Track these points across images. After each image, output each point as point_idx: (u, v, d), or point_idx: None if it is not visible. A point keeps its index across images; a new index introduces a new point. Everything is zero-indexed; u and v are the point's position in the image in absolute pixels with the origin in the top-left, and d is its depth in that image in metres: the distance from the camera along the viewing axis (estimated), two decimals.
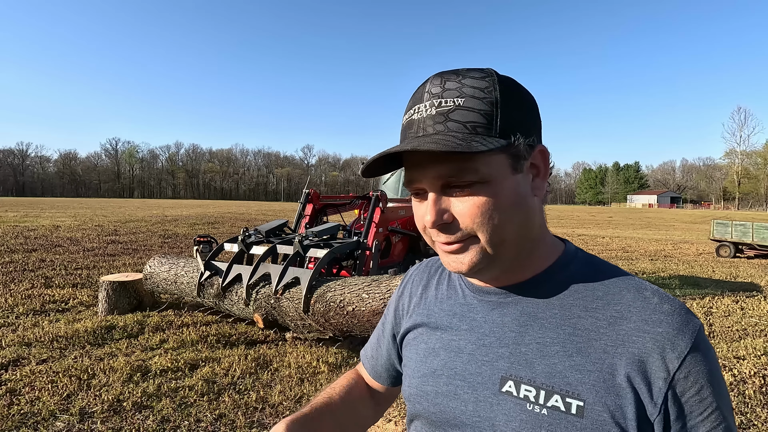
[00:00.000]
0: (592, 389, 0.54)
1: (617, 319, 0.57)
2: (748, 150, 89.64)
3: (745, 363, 4.23)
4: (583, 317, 0.58)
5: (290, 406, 3.20)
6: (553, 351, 0.58)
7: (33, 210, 25.50)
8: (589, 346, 0.56)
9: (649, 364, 0.53)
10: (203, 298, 4.60)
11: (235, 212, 29.71)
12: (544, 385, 0.57)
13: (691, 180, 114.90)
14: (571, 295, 0.60)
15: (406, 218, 5.97)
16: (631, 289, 0.59)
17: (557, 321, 0.59)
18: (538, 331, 0.60)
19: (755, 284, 8.34)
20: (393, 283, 3.53)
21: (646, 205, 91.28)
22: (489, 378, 0.61)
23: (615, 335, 0.56)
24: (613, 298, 0.58)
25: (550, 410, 0.56)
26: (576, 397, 0.55)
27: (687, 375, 0.52)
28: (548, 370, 0.57)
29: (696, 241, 16.86)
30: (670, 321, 0.55)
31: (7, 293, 5.90)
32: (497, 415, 0.59)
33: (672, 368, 0.53)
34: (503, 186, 0.56)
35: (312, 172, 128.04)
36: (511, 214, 0.56)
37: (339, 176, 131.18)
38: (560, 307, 0.60)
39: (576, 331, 0.58)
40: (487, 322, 0.64)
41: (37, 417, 2.91)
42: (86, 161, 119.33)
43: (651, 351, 0.53)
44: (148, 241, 12.37)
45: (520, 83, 0.59)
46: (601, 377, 0.54)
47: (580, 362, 0.56)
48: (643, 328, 0.55)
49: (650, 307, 0.56)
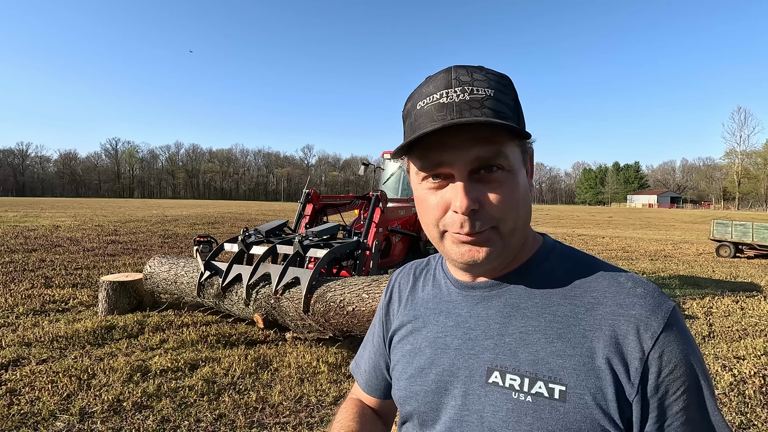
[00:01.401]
0: (573, 373, 0.56)
1: (594, 305, 0.59)
2: (748, 150, 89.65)
3: (745, 363, 4.23)
4: (562, 305, 0.60)
5: (290, 406, 3.19)
6: (535, 339, 0.59)
7: (33, 210, 25.50)
8: (569, 331, 0.58)
9: (625, 345, 0.55)
10: (203, 298, 4.60)
11: (235, 212, 29.71)
12: (528, 372, 0.58)
13: (691, 180, 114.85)
14: (550, 284, 0.62)
15: (406, 218, 5.97)
16: (606, 276, 0.61)
17: (538, 310, 0.61)
18: (521, 320, 0.61)
19: (755, 284, 8.34)
20: None
21: (646, 205, 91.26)
22: (476, 370, 0.62)
23: (592, 319, 0.58)
24: (589, 285, 0.61)
25: (534, 397, 0.56)
26: (558, 382, 0.56)
27: (661, 354, 0.54)
28: (531, 358, 0.58)
29: (696, 241, 16.86)
30: (643, 303, 0.57)
31: (7, 293, 5.90)
32: (485, 407, 0.60)
33: (646, 348, 0.54)
34: (520, 177, 0.59)
35: (312, 172, 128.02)
36: (524, 205, 0.60)
37: (339, 176, 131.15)
38: (541, 296, 0.62)
39: (556, 318, 0.59)
40: (472, 316, 0.65)
41: (37, 417, 2.91)
42: (86, 161, 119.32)
43: (626, 332, 0.55)
44: (148, 241, 12.37)
45: (509, 83, 0.61)
46: (581, 361, 0.56)
47: (560, 347, 0.57)
48: (617, 312, 0.57)
49: (624, 291, 0.59)
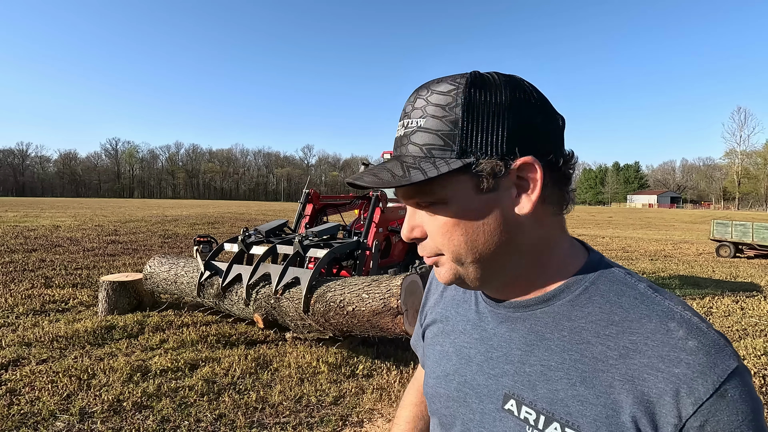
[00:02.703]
0: (593, 424, 0.50)
1: (630, 351, 0.50)
2: (748, 150, 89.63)
3: (745, 363, 4.23)
4: (592, 344, 0.53)
5: (290, 406, 3.20)
6: (557, 376, 0.54)
7: (33, 210, 25.50)
8: (595, 377, 0.51)
9: (659, 407, 0.47)
10: (203, 298, 4.60)
11: (235, 212, 29.71)
12: (545, 410, 0.54)
13: (691, 180, 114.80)
14: (583, 317, 0.55)
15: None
16: (654, 316, 0.51)
17: (564, 344, 0.55)
18: (544, 352, 0.56)
19: (755, 284, 8.34)
20: (393, 283, 3.53)
21: (646, 205, 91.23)
22: (494, 392, 0.59)
23: (625, 369, 0.50)
24: (630, 325, 0.52)
25: None
26: (575, 429, 0.51)
27: (703, 424, 0.46)
28: (550, 396, 0.54)
29: (696, 241, 16.86)
30: (692, 360, 0.48)
31: (7, 293, 5.90)
32: (498, 430, 0.58)
33: (685, 415, 0.46)
34: (464, 206, 0.53)
35: (312, 172, 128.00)
36: (477, 234, 0.54)
37: (339, 176, 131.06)
38: (570, 330, 0.55)
39: (583, 358, 0.53)
40: (496, 335, 0.61)
41: (37, 417, 2.91)
42: (86, 161, 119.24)
43: (663, 393, 0.47)
44: (148, 241, 12.37)
45: (507, 83, 0.53)
46: (603, 413, 0.50)
47: (583, 393, 0.52)
48: (657, 366, 0.48)
49: (671, 342, 0.49)
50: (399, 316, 3.40)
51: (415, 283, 3.68)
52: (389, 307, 3.42)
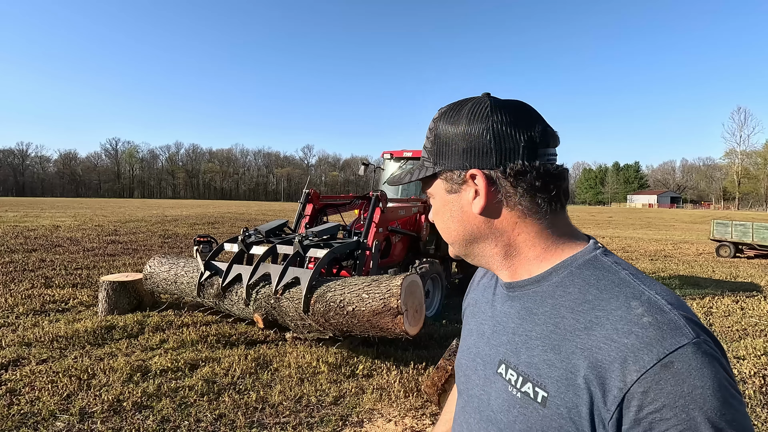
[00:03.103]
0: (555, 384, 0.59)
1: (594, 325, 0.58)
2: (748, 150, 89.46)
3: (745, 363, 4.23)
4: (566, 317, 0.62)
5: (290, 406, 3.20)
6: (535, 344, 0.64)
7: (33, 210, 25.50)
8: (563, 345, 0.60)
9: (608, 373, 0.54)
10: (203, 298, 4.60)
11: (235, 212, 29.71)
12: (523, 372, 0.64)
13: (691, 180, 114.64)
14: (564, 295, 0.64)
15: (406, 218, 5.96)
16: (621, 296, 0.59)
17: (545, 318, 0.64)
18: (530, 324, 0.66)
19: (755, 284, 8.34)
20: (393, 283, 3.53)
21: (646, 205, 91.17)
22: (493, 359, 0.71)
23: (587, 339, 0.58)
24: (600, 303, 0.59)
25: (522, 395, 0.63)
26: (543, 389, 0.61)
27: (646, 390, 0.51)
28: (528, 360, 0.64)
29: (696, 241, 16.86)
30: (642, 333, 0.54)
31: (7, 293, 5.90)
32: (491, 392, 0.69)
33: (629, 380, 0.52)
34: (440, 200, 0.73)
35: (312, 172, 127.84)
36: (448, 226, 0.73)
37: (339, 176, 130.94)
38: (551, 306, 0.64)
39: (556, 329, 0.62)
40: (501, 312, 0.73)
41: (37, 417, 2.91)
42: (86, 161, 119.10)
43: (613, 360, 0.54)
44: (148, 241, 12.37)
45: (471, 115, 0.67)
46: (564, 375, 0.59)
47: (551, 358, 0.61)
48: (612, 337, 0.56)
49: (628, 318, 0.56)
50: (399, 316, 3.40)
51: (415, 283, 3.68)
52: (389, 307, 3.42)
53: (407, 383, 3.56)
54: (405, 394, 3.40)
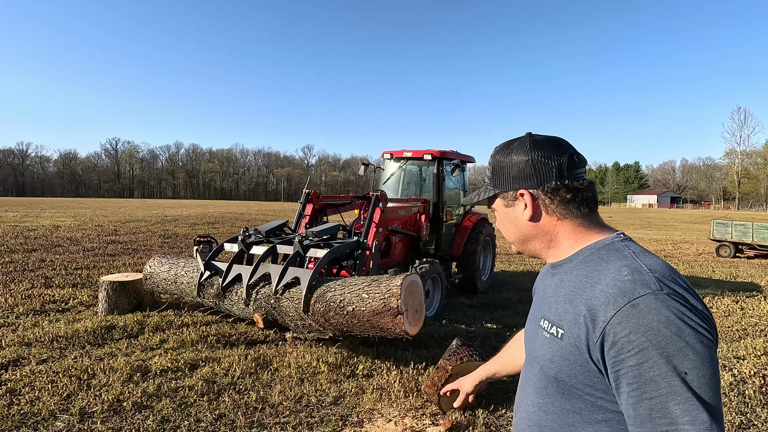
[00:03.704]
0: (568, 324, 0.85)
1: (595, 283, 0.84)
2: (748, 150, 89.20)
3: (745, 363, 4.23)
4: (581, 281, 0.88)
5: (290, 406, 3.20)
6: (562, 300, 0.90)
7: (33, 210, 25.50)
8: (576, 297, 0.86)
9: (597, 313, 0.80)
10: (203, 298, 4.60)
11: (235, 212, 29.71)
12: (552, 320, 0.91)
13: (691, 180, 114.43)
14: (582, 269, 0.90)
15: (406, 218, 5.96)
16: (617, 264, 0.84)
17: (570, 283, 0.91)
18: (560, 289, 0.93)
19: (755, 284, 8.34)
20: (393, 283, 3.53)
21: (646, 205, 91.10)
22: (538, 317, 0.98)
23: (590, 292, 0.84)
24: (603, 268, 0.86)
25: (551, 335, 0.90)
26: (561, 328, 0.87)
27: (619, 321, 0.76)
28: (555, 312, 0.91)
29: (696, 241, 16.86)
30: (621, 286, 0.79)
31: (7, 293, 5.90)
32: (537, 339, 0.96)
33: (609, 316, 0.77)
34: (501, 213, 1.03)
35: (312, 172, 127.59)
36: (508, 231, 1.03)
37: (339, 176, 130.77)
38: (575, 275, 0.90)
39: (574, 289, 0.88)
40: (548, 285, 1.01)
41: (37, 417, 2.91)
42: (86, 161, 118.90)
43: (600, 304, 0.80)
44: (148, 241, 12.37)
45: (518, 150, 0.97)
46: (573, 317, 0.85)
47: (567, 308, 0.87)
48: (603, 290, 0.81)
49: (617, 277, 0.81)
50: (399, 316, 3.40)
51: (415, 283, 3.68)
52: (389, 307, 3.42)
53: (407, 383, 3.56)
54: (405, 394, 3.40)
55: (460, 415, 3.11)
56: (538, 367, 0.95)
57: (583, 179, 0.95)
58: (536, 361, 0.95)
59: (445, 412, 3.16)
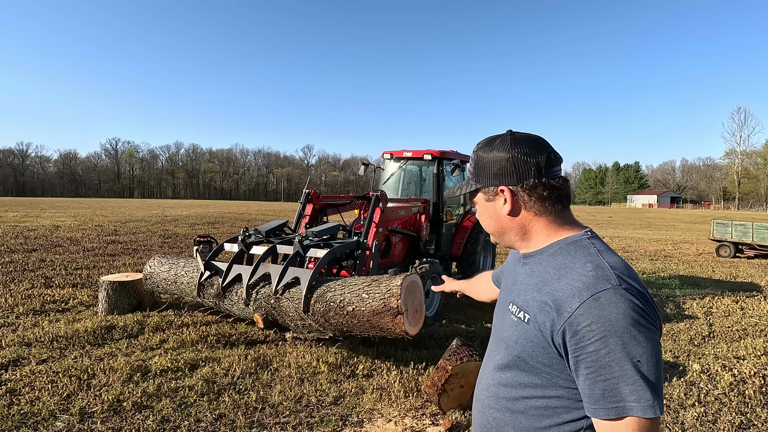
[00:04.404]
0: (535, 310, 0.94)
1: (562, 276, 0.93)
2: (748, 150, 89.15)
3: (745, 363, 4.23)
4: (550, 273, 0.96)
5: (290, 406, 3.20)
6: (529, 289, 0.99)
7: (33, 210, 25.50)
8: (543, 288, 0.95)
9: (563, 304, 0.88)
10: (203, 298, 4.59)
11: (235, 212, 29.71)
12: (520, 306, 1.00)
13: (691, 180, 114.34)
14: (551, 261, 0.98)
15: (406, 218, 5.96)
16: (583, 261, 0.93)
17: (539, 274, 0.99)
18: (530, 278, 1.01)
19: (755, 284, 8.34)
20: (393, 283, 3.53)
21: (646, 205, 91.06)
22: (507, 301, 1.07)
23: (556, 285, 0.92)
24: (570, 263, 0.94)
25: (518, 319, 0.99)
26: (528, 313, 0.96)
27: (582, 313, 0.84)
28: (523, 298, 1.00)
29: (696, 241, 16.86)
30: (585, 281, 0.88)
31: (7, 293, 5.90)
32: (505, 321, 1.06)
33: (574, 307, 0.86)
34: (481, 208, 1.09)
35: (312, 172, 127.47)
36: (487, 223, 1.09)
37: (339, 176, 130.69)
38: (545, 267, 0.99)
39: (542, 280, 0.97)
40: (516, 272, 1.10)
41: (37, 417, 2.91)
42: (86, 161, 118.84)
43: (567, 296, 0.88)
44: (148, 241, 12.37)
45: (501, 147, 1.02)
46: (540, 306, 0.93)
47: (536, 296, 0.96)
48: (569, 283, 0.90)
49: (581, 272, 0.90)
50: (399, 316, 3.40)
51: (415, 283, 3.67)
52: (389, 307, 3.42)
53: (407, 383, 3.56)
54: (405, 394, 3.40)
55: (460, 415, 3.11)
56: (503, 346, 1.04)
57: (559, 177, 1.00)
58: (502, 341, 1.05)
59: (445, 412, 3.16)
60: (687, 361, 4.29)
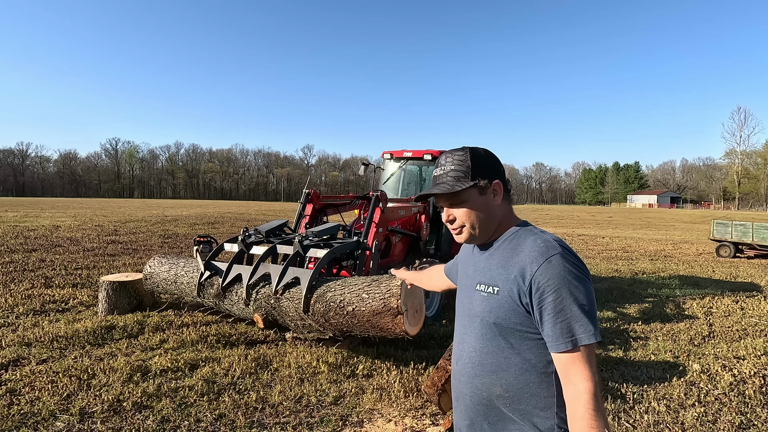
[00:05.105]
0: (503, 282, 1.18)
1: (519, 252, 1.18)
2: (748, 150, 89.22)
3: (745, 363, 4.23)
4: (507, 252, 1.21)
5: (290, 406, 3.20)
6: (494, 267, 1.22)
7: (33, 210, 25.50)
8: (507, 263, 1.19)
9: (525, 270, 1.13)
10: (203, 298, 4.59)
11: (235, 212, 29.70)
12: (488, 283, 1.22)
13: (691, 180, 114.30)
14: (507, 244, 1.23)
15: (406, 218, 5.96)
16: (533, 237, 1.19)
17: (499, 256, 1.23)
18: (491, 261, 1.24)
19: (755, 284, 8.34)
20: (393, 283, 3.52)
21: (646, 205, 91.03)
22: (472, 284, 1.28)
23: (517, 259, 1.17)
24: (522, 241, 1.20)
25: (488, 293, 1.21)
26: (497, 286, 1.19)
27: (542, 273, 1.10)
28: (489, 276, 1.22)
29: (696, 241, 16.86)
30: (539, 250, 1.13)
31: (7, 293, 5.90)
32: (474, 300, 1.26)
33: (533, 270, 1.12)
34: (474, 203, 1.24)
35: (312, 172, 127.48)
36: (477, 217, 1.24)
37: (339, 176, 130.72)
38: (502, 250, 1.23)
39: (503, 258, 1.21)
40: (477, 260, 1.31)
41: (37, 417, 2.91)
42: (86, 161, 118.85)
43: (527, 264, 1.13)
44: (148, 241, 12.37)
45: (484, 151, 1.27)
46: (506, 276, 1.17)
47: (501, 272, 1.19)
48: (527, 255, 1.15)
49: (534, 245, 1.16)
50: (399, 316, 3.40)
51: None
52: (389, 307, 3.42)
53: (407, 383, 3.56)
54: (405, 394, 3.40)
55: None
56: (478, 320, 1.24)
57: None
58: (476, 316, 1.24)
59: (445, 412, 3.15)
60: (687, 361, 4.29)
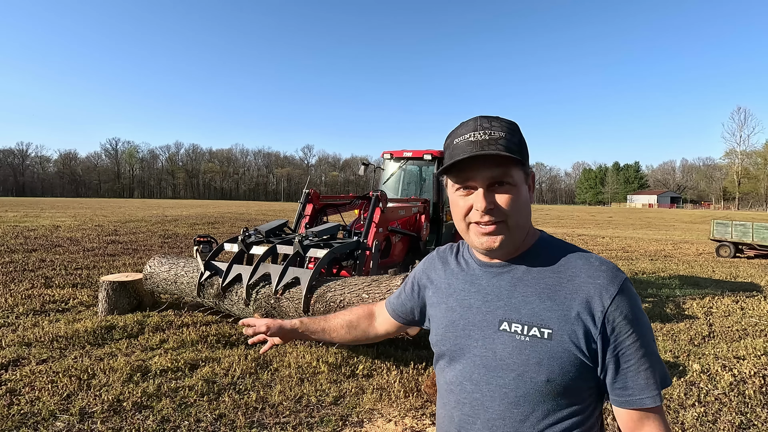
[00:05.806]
0: (557, 322, 0.85)
1: (573, 276, 0.88)
2: (748, 150, 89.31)
3: (745, 363, 4.23)
4: (550, 277, 0.89)
5: (290, 406, 3.20)
6: (533, 300, 0.88)
7: (33, 210, 25.49)
8: (555, 294, 0.87)
9: (593, 303, 0.84)
10: (203, 298, 4.60)
11: (235, 212, 29.70)
12: (527, 322, 0.87)
13: (691, 180, 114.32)
14: (543, 264, 0.91)
15: (406, 218, 5.96)
16: (581, 256, 0.90)
17: (534, 281, 0.90)
18: (522, 288, 0.90)
19: (755, 284, 8.34)
20: (393, 283, 3.53)
21: (646, 205, 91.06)
22: (491, 322, 0.91)
23: (572, 286, 0.86)
24: (569, 263, 0.90)
25: (530, 338, 0.86)
26: (547, 328, 0.85)
27: (616, 308, 0.83)
28: (530, 313, 0.87)
29: (696, 241, 16.86)
30: (605, 275, 0.86)
31: (7, 293, 5.89)
32: (497, 345, 0.89)
33: (606, 304, 0.83)
34: (521, 190, 0.88)
35: (312, 172, 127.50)
36: (523, 209, 0.89)
37: (339, 176, 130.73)
38: (537, 272, 0.91)
39: (547, 286, 0.88)
40: (490, 285, 0.94)
41: (37, 417, 2.91)
42: (86, 161, 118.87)
43: (594, 294, 0.84)
44: (148, 241, 12.37)
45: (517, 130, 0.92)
46: (562, 314, 0.85)
47: (550, 305, 0.86)
48: (588, 281, 0.86)
49: (593, 267, 0.87)
50: None
51: None
52: None
53: (407, 383, 3.56)
54: (405, 394, 3.40)
55: None
56: (512, 376, 0.87)
57: None
58: (507, 369, 0.87)
59: None
60: (687, 361, 4.29)
